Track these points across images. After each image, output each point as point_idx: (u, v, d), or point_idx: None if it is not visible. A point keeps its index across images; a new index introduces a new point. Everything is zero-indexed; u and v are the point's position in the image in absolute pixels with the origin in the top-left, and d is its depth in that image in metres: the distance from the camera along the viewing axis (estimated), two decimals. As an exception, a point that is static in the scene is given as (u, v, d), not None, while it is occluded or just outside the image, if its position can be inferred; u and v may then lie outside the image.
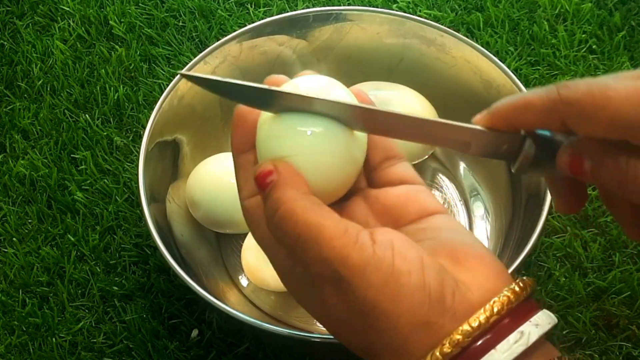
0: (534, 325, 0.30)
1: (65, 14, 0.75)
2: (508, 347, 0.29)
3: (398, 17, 0.62)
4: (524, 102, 0.31)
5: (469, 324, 0.29)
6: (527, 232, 0.52)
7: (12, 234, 0.62)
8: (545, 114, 0.31)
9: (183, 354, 0.55)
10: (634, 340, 0.54)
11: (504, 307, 0.30)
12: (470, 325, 0.29)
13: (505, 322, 0.30)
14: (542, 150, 0.33)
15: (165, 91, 0.58)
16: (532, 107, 0.31)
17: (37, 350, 0.56)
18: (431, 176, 0.64)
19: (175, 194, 0.59)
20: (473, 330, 0.29)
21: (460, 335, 0.29)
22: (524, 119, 0.32)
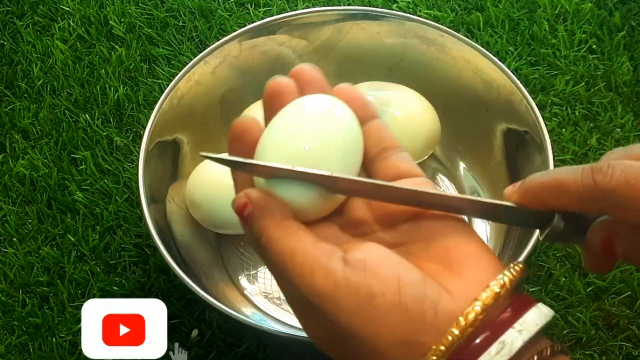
0: (518, 331, 0.29)
1: (65, 14, 0.75)
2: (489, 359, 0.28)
3: (398, 17, 0.62)
4: (557, 184, 0.31)
5: (442, 342, 0.28)
6: (527, 232, 0.52)
7: (12, 234, 0.62)
8: (580, 199, 0.30)
9: (183, 354, 0.55)
10: (634, 340, 0.54)
11: (477, 317, 0.28)
12: (442, 344, 0.28)
13: (487, 331, 0.29)
14: (570, 225, 0.32)
15: (165, 91, 0.58)
16: (567, 191, 0.30)
17: (37, 350, 0.56)
18: (431, 176, 0.64)
19: (175, 194, 0.59)
20: (447, 348, 0.28)
21: (434, 356, 0.28)
22: (558, 202, 0.31)
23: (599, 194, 0.29)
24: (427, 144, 0.61)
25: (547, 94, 0.67)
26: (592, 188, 0.29)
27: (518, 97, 0.57)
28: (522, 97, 0.56)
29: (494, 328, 0.29)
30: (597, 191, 0.29)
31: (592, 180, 0.29)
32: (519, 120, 0.57)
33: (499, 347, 0.28)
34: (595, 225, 0.31)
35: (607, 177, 0.29)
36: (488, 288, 0.29)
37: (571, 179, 0.30)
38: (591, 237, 0.31)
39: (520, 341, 0.28)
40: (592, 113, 0.66)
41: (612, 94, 0.67)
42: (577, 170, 0.30)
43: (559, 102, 0.67)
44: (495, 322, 0.29)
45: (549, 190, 0.31)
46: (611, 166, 0.29)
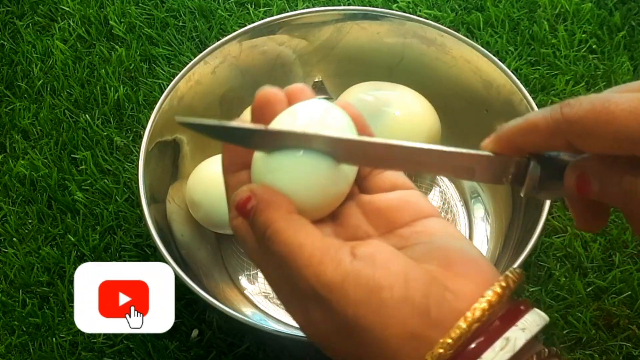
0: (521, 329, 0.29)
1: (65, 14, 0.75)
2: (494, 355, 0.29)
3: (398, 17, 0.62)
4: (528, 124, 0.31)
5: (450, 335, 0.29)
6: (527, 232, 0.52)
7: (12, 234, 0.62)
8: (549, 134, 0.30)
9: (183, 354, 0.55)
10: (634, 340, 0.54)
11: (485, 313, 0.29)
12: (450, 337, 0.29)
13: (491, 328, 0.29)
14: (549, 172, 0.32)
15: (165, 91, 0.58)
16: (537, 129, 0.30)
17: (37, 350, 0.56)
18: (431, 176, 0.64)
19: (176, 194, 0.59)
20: (454, 341, 0.28)
21: (442, 349, 0.29)
22: (529, 141, 0.31)
23: (565, 125, 0.29)
24: (426, 143, 0.61)
25: (547, 94, 0.67)
26: (559, 121, 0.29)
27: (518, 97, 0.57)
28: (522, 97, 0.57)
29: (499, 324, 0.29)
30: (564, 123, 0.29)
31: (559, 113, 0.29)
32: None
33: (503, 343, 0.29)
34: (569, 167, 0.31)
35: (574, 109, 0.29)
36: (492, 287, 0.30)
37: (541, 117, 0.30)
38: (567, 180, 0.31)
39: (523, 338, 0.29)
40: (592, 113, 0.66)
41: (612, 94, 0.67)
42: (547, 108, 0.30)
43: (559, 102, 0.66)
44: (500, 319, 0.30)
45: (520, 132, 0.31)
46: (579, 99, 0.29)
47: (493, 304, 0.29)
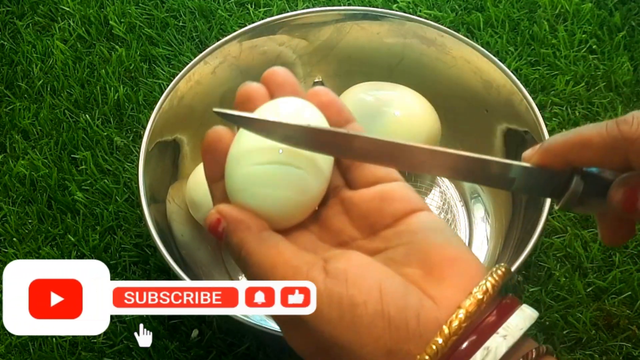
0: (502, 337, 0.29)
1: (66, 14, 0.75)
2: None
3: (398, 17, 0.62)
4: (582, 139, 0.30)
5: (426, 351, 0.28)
6: (527, 232, 0.52)
7: (12, 234, 0.62)
8: (605, 152, 0.30)
9: (183, 354, 0.55)
10: (634, 340, 0.54)
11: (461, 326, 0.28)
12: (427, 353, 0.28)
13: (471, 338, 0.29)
14: (589, 187, 0.32)
15: (165, 91, 0.58)
16: (591, 145, 0.30)
17: (37, 350, 0.56)
18: (431, 176, 0.64)
19: (176, 194, 0.59)
20: (431, 357, 0.28)
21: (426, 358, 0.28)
22: (581, 157, 0.31)
23: (624, 143, 0.29)
24: (427, 144, 0.61)
25: (547, 94, 0.67)
26: (617, 138, 0.29)
27: (518, 97, 0.57)
28: (522, 97, 0.56)
29: (479, 334, 0.29)
30: (623, 141, 0.29)
31: (617, 130, 0.29)
32: (519, 121, 0.57)
33: (484, 354, 0.28)
34: (617, 182, 0.31)
35: (633, 127, 0.29)
36: (471, 295, 0.29)
37: (595, 133, 0.30)
38: (612, 195, 0.31)
39: (504, 347, 0.28)
40: (592, 113, 0.66)
41: (612, 94, 0.67)
42: (601, 125, 0.30)
43: (559, 102, 0.67)
44: (480, 327, 0.29)
45: (572, 147, 0.31)
46: (636, 117, 0.29)
47: (471, 313, 0.29)
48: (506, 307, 0.30)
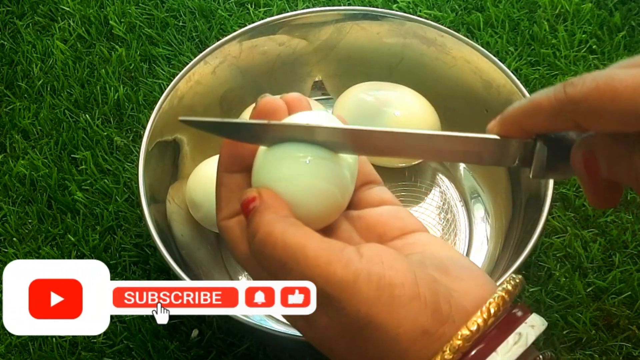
0: (530, 326, 0.30)
1: (66, 14, 0.75)
2: (508, 349, 0.29)
3: (398, 17, 0.62)
4: (532, 105, 0.31)
5: (468, 327, 0.29)
6: (527, 232, 0.52)
7: (12, 234, 0.62)
8: (554, 115, 0.30)
9: (183, 354, 0.55)
10: (634, 341, 0.54)
11: (500, 308, 0.30)
12: (469, 329, 0.29)
13: (504, 324, 0.30)
14: (556, 152, 0.32)
15: (165, 91, 0.58)
16: (541, 110, 0.30)
17: (37, 350, 0.56)
18: (431, 176, 0.64)
19: (176, 194, 0.59)
20: (472, 334, 0.29)
21: (460, 341, 0.29)
22: (534, 123, 0.31)
23: (570, 105, 0.29)
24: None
25: (547, 94, 0.67)
26: (563, 101, 0.29)
27: (518, 97, 0.57)
28: (522, 97, 0.56)
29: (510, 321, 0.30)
30: (569, 103, 0.29)
31: (563, 93, 0.29)
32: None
33: (516, 338, 0.29)
34: (576, 145, 0.31)
35: (577, 87, 0.28)
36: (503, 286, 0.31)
37: (544, 97, 0.30)
38: (574, 160, 0.31)
39: (533, 335, 0.30)
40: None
41: (612, 94, 0.67)
42: (550, 89, 0.30)
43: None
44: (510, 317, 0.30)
45: (524, 113, 0.31)
46: (582, 77, 0.28)
47: (506, 300, 0.30)
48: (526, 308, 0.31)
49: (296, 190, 0.33)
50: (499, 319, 0.30)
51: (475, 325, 0.29)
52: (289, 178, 0.33)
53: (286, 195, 0.32)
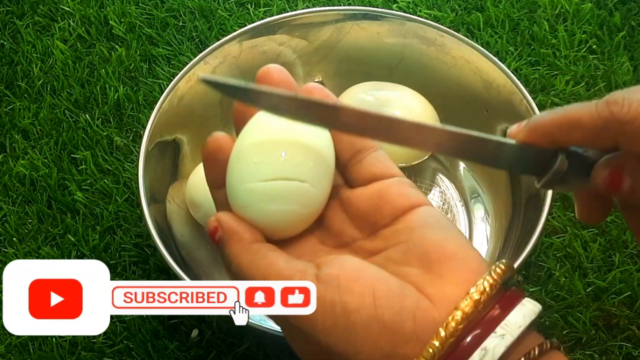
0: (500, 336, 0.28)
1: (65, 14, 0.75)
2: None
3: (398, 17, 0.62)
4: (571, 119, 0.30)
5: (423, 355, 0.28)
6: (527, 232, 0.52)
7: (12, 234, 0.62)
8: (595, 133, 0.29)
9: (183, 354, 0.55)
10: (634, 341, 0.54)
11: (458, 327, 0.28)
12: (423, 357, 0.28)
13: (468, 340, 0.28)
14: (573, 166, 0.31)
15: (165, 91, 0.58)
16: (582, 126, 0.29)
17: (37, 350, 0.56)
18: (431, 176, 0.64)
19: (175, 194, 0.59)
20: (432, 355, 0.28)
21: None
22: (570, 137, 0.30)
23: (615, 125, 0.28)
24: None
25: (547, 94, 0.67)
26: (608, 120, 0.28)
27: (518, 97, 0.57)
28: (522, 97, 0.57)
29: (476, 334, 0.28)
30: (614, 122, 0.28)
31: (608, 112, 0.29)
32: (519, 121, 0.57)
33: (481, 354, 0.28)
34: (602, 163, 0.31)
35: (624, 109, 0.28)
36: (468, 296, 0.29)
37: (586, 113, 0.29)
38: (597, 175, 0.31)
39: (502, 347, 0.28)
40: (592, 113, 0.66)
41: (612, 94, 0.67)
42: (591, 105, 0.29)
43: (559, 102, 0.67)
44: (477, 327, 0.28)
45: (561, 126, 0.30)
46: (627, 98, 0.28)
47: (468, 315, 0.28)
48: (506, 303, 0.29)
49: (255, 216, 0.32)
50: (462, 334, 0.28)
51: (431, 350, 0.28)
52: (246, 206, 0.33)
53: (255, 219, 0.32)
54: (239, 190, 0.33)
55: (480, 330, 0.28)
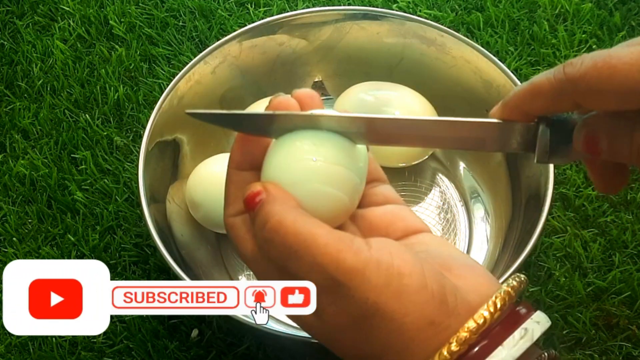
0: (536, 322, 0.30)
1: (65, 14, 0.75)
2: (514, 344, 0.29)
3: (398, 17, 0.62)
4: (532, 88, 0.31)
5: (475, 320, 0.29)
6: (527, 232, 0.52)
7: (12, 234, 0.62)
8: (555, 96, 0.30)
9: (183, 354, 0.55)
10: (634, 340, 0.54)
11: (506, 302, 0.30)
12: (475, 322, 0.29)
13: (509, 320, 0.30)
14: (559, 135, 0.32)
15: (165, 91, 0.58)
16: (542, 92, 0.30)
17: (37, 350, 0.56)
18: (431, 176, 0.64)
19: (175, 194, 0.59)
20: (479, 326, 0.29)
21: (466, 333, 0.29)
22: (535, 105, 0.31)
23: (570, 85, 0.29)
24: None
25: (547, 94, 0.67)
26: (563, 81, 0.29)
27: (518, 97, 0.57)
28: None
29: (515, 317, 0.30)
30: (568, 83, 0.29)
31: (563, 74, 0.29)
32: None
33: (522, 333, 0.29)
34: (578, 126, 0.31)
35: (576, 67, 0.28)
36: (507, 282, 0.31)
37: (544, 79, 0.30)
38: (576, 141, 0.31)
39: (539, 330, 0.30)
40: (592, 113, 0.66)
41: (612, 94, 0.67)
42: (550, 71, 0.30)
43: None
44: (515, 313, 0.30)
45: (525, 96, 0.31)
46: (581, 57, 0.29)
47: (512, 295, 0.30)
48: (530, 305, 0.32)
49: (304, 195, 0.33)
50: (504, 313, 0.30)
51: (482, 318, 0.29)
52: (297, 182, 0.33)
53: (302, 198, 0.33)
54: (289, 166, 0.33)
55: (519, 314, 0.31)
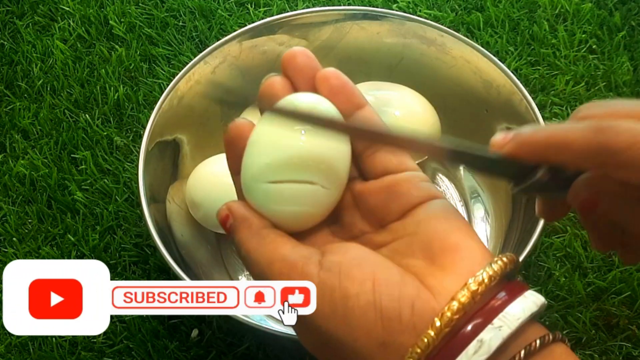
0: (497, 328, 0.28)
1: (65, 14, 0.75)
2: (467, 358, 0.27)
3: (398, 17, 0.62)
4: (562, 140, 0.30)
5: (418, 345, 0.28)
6: (527, 232, 0.52)
7: (12, 234, 0.62)
8: (584, 158, 0.29)
9: (183, 354, 0.55)
10: (634, 340, 0.54)
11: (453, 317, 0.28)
12: (419, 347, 0.28)
13: (467, 329, 0.28)
14: (552, 179, 0.31)
15: (165, 91, 0.58)
16: (572, 148, 0.29)
17: (37, 350, 0.56)
18: (431, 176, 0.64)
19: (175, 194, 0.59)
20: (423, 350, 0.28)
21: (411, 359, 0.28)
22: (559, 157, 0.30)
23: (606, 154, 0.28)
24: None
25: (547, 94, 0.67)
26: (600, 148, 0.29)
27: (518, 97, 0.57)
28: (522, 97, 0.56)
29: (475, 324, 0.28)
30: (606, 151, 0.28)
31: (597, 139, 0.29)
32: (519, 120, 0.57)
33: (477, 346, 0.28)
34: (581, 182, 0.31)
35: (615, 138, 0.28)
36: (465, 286, 0.28)
37: (579, 136, 0.29)
38: (574, 193, 0.31)
39: (499, 339, 0.28)
40: (592, 113, 0.66)
41: (612, 94, 0.67)
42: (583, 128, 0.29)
43: (559, 102, 0.67)
44: (474, 318, 0.28)
45: (550, 146, 0.30)
46: (619, 125, 0.28)
47: (464, 305, 0.28)
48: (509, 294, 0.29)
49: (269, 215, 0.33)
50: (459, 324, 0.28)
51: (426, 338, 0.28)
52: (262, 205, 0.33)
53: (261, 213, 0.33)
54: (251, 188, 0.34)
55: (478, 321, 0.28)
